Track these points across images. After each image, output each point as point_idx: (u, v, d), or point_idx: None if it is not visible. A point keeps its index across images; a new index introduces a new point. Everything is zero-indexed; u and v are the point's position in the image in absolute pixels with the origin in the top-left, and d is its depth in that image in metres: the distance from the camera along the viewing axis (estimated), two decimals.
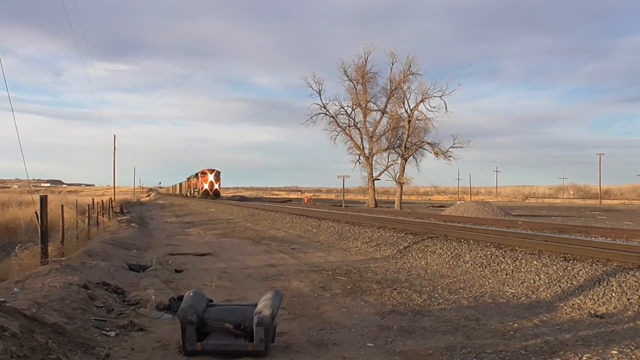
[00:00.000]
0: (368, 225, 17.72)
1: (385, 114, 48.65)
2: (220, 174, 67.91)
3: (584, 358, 4.96)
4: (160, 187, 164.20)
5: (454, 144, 45.27)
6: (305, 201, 60.38)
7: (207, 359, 5.05)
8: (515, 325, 6.29)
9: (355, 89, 48.56)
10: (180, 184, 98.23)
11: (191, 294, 5.51)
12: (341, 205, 46.47)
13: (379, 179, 49.71)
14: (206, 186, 65.26)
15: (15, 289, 7.13)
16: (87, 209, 20.03)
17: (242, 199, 74.42)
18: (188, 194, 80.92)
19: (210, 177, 65.92)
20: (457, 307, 7.29)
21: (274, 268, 11.12)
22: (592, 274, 8.12)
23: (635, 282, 7.40)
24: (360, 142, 48.99)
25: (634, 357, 4.98)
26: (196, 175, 71.27)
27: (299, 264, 11.68)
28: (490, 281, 9.17)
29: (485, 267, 10.01)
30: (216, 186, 65.92)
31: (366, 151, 48.73)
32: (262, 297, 5.48)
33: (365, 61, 47.50)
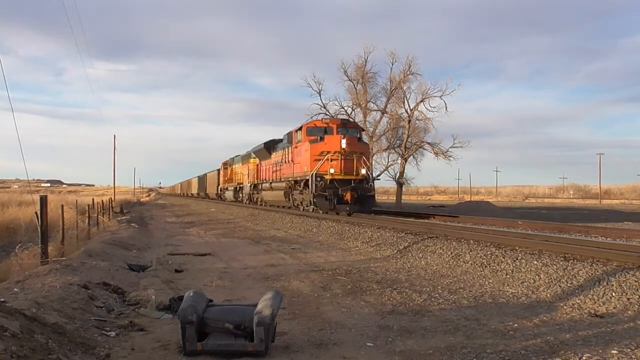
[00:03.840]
0: (368, 225, 17.70)
1: (385, 114, 48.58)
2: (364, 133, 28.64)
3: (584, 358, 4.96)
4: (160, 187, 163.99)
5: (454, 144, 45.16)
6: None
7: (207, 359, 5.05)
8: (515, 325, 6.29)
9: (355, 89, 48.50)
10: (202, 177, 58.89)
11: (191, 294, 5.51)
12: None
13: (378, 179, 49.62)
14: (332, 170, 20.72)
15: (15, 289, 7.13)
16: (87, 209, 20.04)
17: None
18: (228, 193, 41.86)
19: (343, 143, 20.75)
20: (457, 307, 7.29)
21: (274, 268, 11.11)
22: (592, 274, 8.12)
23: (635, 282, 7.40)
24: None
25: (634, 357, 4.98)
26: (272, 146, 29.50)
27: (299, 264, 11.68)
28: (490, 281, 9.16)
29: (485, 267, 10.01)
30: (363, 171, 21.11)
31: None
32: (262, 297, 5.48)
33: (365, 61, 47.28)
